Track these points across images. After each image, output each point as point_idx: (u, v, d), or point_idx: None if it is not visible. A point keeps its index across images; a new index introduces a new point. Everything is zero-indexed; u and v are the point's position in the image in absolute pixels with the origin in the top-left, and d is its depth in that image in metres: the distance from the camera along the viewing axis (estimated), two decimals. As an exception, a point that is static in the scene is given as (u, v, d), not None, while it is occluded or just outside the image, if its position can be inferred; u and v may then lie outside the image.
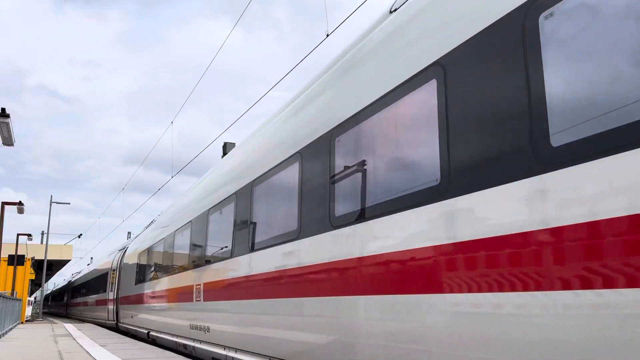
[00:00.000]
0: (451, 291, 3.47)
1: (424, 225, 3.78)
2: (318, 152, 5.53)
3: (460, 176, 3.50)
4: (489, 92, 3.34)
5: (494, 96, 3.29)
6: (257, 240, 7.03)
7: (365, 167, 4.69)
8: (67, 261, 42.61)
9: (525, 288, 2.94)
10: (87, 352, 10.40)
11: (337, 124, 5.20)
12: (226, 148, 16.33)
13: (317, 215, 5.38)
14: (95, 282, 27.66)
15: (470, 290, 3.32)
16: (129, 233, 46.90)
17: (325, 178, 5.31)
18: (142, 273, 15.57)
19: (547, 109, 2.91)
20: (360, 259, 4.56)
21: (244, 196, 7.64)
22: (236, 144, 15.03)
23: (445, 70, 3.77)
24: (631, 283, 2.41)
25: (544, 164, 2.89)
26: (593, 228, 2.60)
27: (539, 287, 2.86)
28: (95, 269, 29.97)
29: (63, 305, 49.96)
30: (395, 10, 4.88)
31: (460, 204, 3.47)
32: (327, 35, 8.29)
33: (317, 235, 5.33)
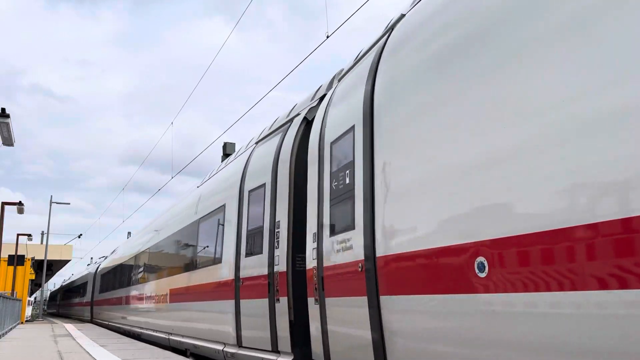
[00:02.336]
0: None
1: None
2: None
3: None
4: None
5: None
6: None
7: None
8: (67, 261, 42.64)
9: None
10: (87, 352, 10.42)
11: None
12: (226, 148, 16.36)
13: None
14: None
15: None
16: (129, 233, 46.99)
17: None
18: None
19: None
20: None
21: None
22: (236, 145, 15.16)
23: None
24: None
25: None
26: None
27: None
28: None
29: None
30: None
31: None
32: (327, 37, 8.31)
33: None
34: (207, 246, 9.40)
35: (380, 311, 4.25)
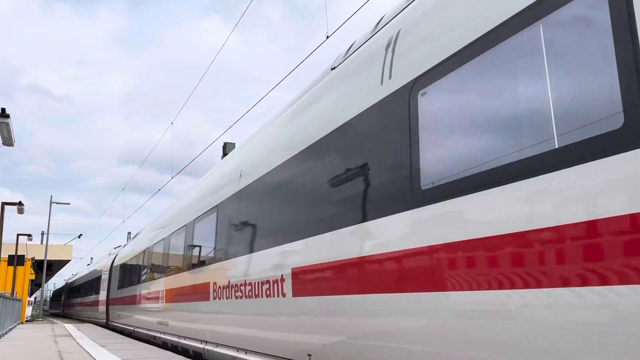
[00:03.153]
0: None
1: None
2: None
3: None
4: None
5: None
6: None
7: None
8: (67, 261, 42.65)
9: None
10: (87, 352, 10.42)
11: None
12: (226, 148, 16.35)
13: None
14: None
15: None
16: (129, 233, 46.92)
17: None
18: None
19: None
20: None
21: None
22: (236, 145, 15.12)
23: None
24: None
25: None
26: None
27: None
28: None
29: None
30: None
31: None
32: (327, 37, 8.31)
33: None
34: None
35: None
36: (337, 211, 4.88)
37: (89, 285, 31.56)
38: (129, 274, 18.23)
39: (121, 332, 18.88)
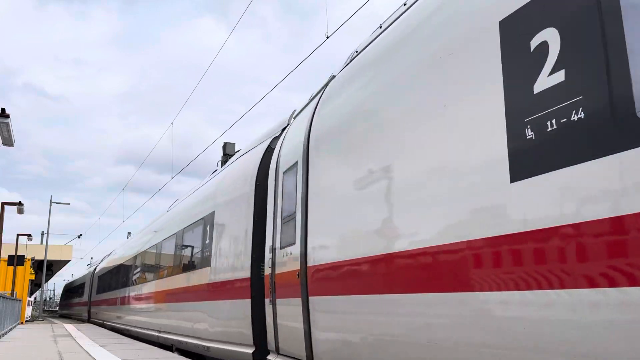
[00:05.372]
0: None
1: None
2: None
3: None
4: None
5: None
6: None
7: None
8: (67, 261, 42.64)
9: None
10: (87, 352, 10.42)
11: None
12: (226, 148, 16.34)
13: None
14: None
15: None
16: (129, 233, 46.99)
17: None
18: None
19: None
20: None
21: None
22: (235, 145, 15.14)
23: None
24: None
25: None
26: None
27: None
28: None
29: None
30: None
31: None
32: (327, 37, 8.31)
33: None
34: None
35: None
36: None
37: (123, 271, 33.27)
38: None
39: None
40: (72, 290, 46.19)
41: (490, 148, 3.24)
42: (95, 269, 29.79)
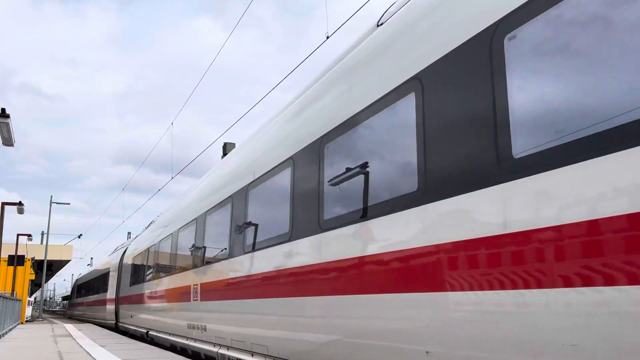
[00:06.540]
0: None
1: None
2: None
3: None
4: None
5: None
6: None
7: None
8: (67, 261, 42.63)
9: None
10: (87, 352, 10.42)
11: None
12: (226, 148, 16.34)
13: None
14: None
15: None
16: (129, 233, 46.96)
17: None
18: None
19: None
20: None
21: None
22: (236, 144, 15.10)
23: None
24: None
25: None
26: None
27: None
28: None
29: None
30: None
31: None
32: (327, 37, 8.31)
33: None
34: None
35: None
36: None
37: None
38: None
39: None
40: (88, 283, 33.39)
41: None
42: (125, 251, 19.92)
